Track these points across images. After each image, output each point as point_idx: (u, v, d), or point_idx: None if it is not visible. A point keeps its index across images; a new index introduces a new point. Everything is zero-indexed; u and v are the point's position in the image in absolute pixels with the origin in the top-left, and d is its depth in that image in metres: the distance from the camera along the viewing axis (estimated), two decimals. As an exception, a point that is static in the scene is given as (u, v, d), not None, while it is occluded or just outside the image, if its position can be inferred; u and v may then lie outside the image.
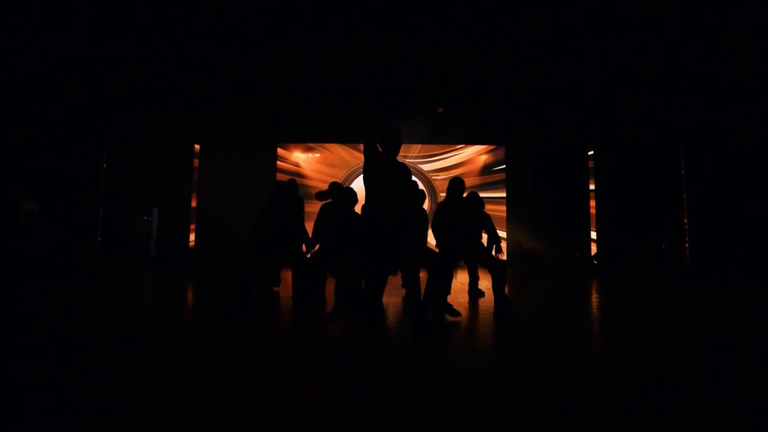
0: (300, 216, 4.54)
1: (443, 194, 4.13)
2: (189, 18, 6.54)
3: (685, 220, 8.32)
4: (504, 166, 11.47)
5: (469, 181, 11.44)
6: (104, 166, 9.52)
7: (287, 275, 5.37)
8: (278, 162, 11.50)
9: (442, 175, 11.25)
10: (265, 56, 7.72)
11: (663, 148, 8.72)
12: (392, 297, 4.56)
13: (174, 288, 5.91)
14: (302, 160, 11.59)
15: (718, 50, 7.05)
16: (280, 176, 11.38)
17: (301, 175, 11.12)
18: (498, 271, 3.61)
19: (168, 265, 9.18)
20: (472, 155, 11.63)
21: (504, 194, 11.20)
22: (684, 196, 8.39)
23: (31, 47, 6.80)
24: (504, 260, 8.81)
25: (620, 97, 8.69)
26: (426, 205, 5.82)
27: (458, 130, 10.83)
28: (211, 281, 6.47)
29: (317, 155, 11.64)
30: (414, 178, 5.69)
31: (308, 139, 11.51)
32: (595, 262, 9.64)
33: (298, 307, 3.96)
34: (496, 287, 3.59)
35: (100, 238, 9.40)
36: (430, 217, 4.11)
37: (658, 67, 7.59)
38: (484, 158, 11.66)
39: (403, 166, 3.02)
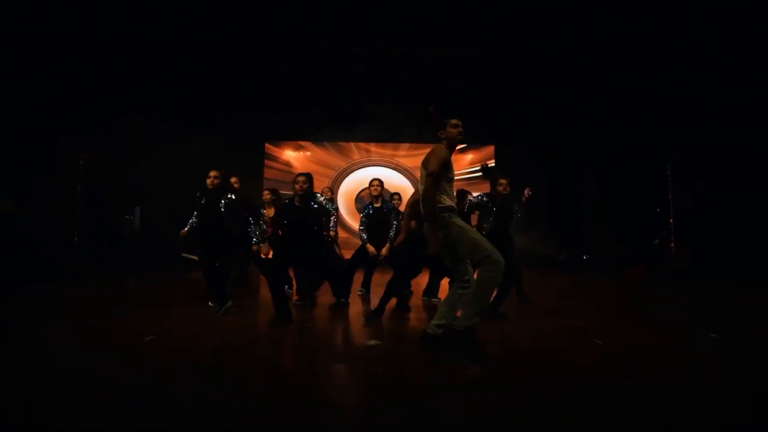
0: (221, 214, 3.91)
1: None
2: (179, 16, 6.27)
3: (671, 221, 8.60)
4: (493, 164, 11.56)
5: (456, 181, 11.69)
6: (81, 162, 9.02)
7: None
8: (266, 160, 11.22)
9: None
10: (258, 54, 7.50)
11: (651, 150, 8.95)
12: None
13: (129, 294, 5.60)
14: (292, 158, 11.34)
15: (706, 56, 7.27)
16: (267, 173, 11.13)
17: (291, 174, 11.02)
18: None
19: (149, 265, 8.85)
20: (456, 154, 11.69)
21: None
22: (670, 197, 8.66)
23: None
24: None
25: (611, 98, 8.86)
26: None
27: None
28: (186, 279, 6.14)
29: (308, 153, 11.41)
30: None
31: (298, 137, 11.29)
32: (585, 258, 9.88)
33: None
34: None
35: (76, 239, 8.93)
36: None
37: (650, 71, 7.77)
38: (470, 157, 11.74)
39: None
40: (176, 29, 6.61)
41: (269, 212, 5.05)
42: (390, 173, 11.33)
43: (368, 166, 11.40)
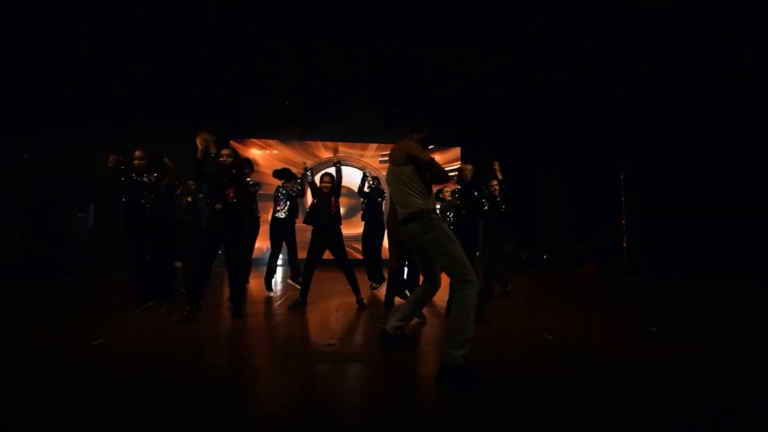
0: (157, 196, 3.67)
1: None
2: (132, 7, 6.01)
3: (623, 221, 9.10)
4: (459, 165, 11.80)
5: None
6: (25, 156, 8.45)
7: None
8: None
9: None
10: (225, 47, 7.31)
11: (604, 153, 9.44)
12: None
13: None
14: (258, 155, 11.12)
15: (653, 64, 7.74)
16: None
17: (257, 171, 10.95)
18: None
19: (105, 265, 8.43)
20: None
21: (459, 194, 11.54)
22: (623, 200, 9.17)
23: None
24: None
25: (566, 103, 9.28)
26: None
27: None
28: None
29: (275, 151, 11.24)
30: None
31: (264, 135, 11.11)
32: (545, 257, 10.28)
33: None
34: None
35: (19, 238, 8.36)
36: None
37: (608, 76, 8.18)
38: (437, 158, 11.92)
39: None
40: (130, 16, 6.32)
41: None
42: (357, 173, 11.33)
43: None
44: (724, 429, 1.67)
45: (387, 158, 2.87)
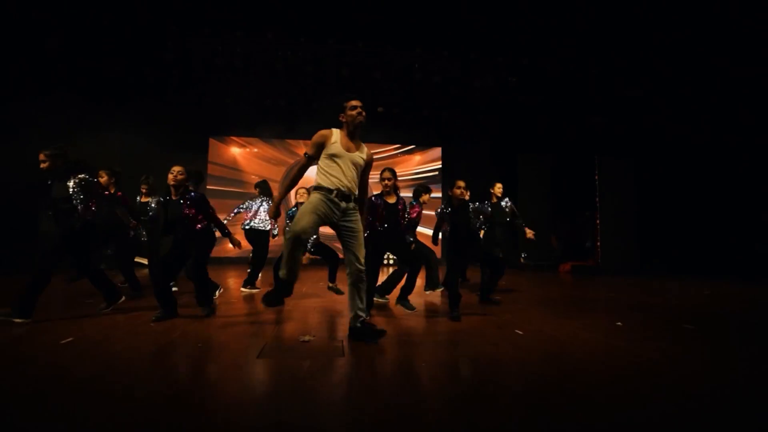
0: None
1: (375, 193, 4.08)
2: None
3: (597, 222, 9.39)
4: (440, 165, 11.94)
5: (404, 181, 12.02)
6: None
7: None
8: (210, 156, 10.81)
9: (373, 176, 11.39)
10: (204, 42, 7.22)
11: (582, 154, 9.69)
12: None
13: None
14: (238, 154, 11.00)
15: (633, 64, 7.97)
16: (210, 169, 10.73)
17: (237, 170, 10.95)
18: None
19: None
20: (404, 155, 11.96)
21: (440, 194, 11.65)
22: (597, 200, 9.45)
23: None
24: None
25: (543, 104, 9.47)
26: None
27: (397, 129, 11.06)
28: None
29: (255, 150, 11.14)
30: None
31: (244, 133, 11.00)
32: (522, 259, 10.46)
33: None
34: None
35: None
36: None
37: (577, 75, 8.39)
38: (418, 158, 12.03)
39: None
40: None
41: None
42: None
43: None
44: None
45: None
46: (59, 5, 6.01)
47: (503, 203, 5.16)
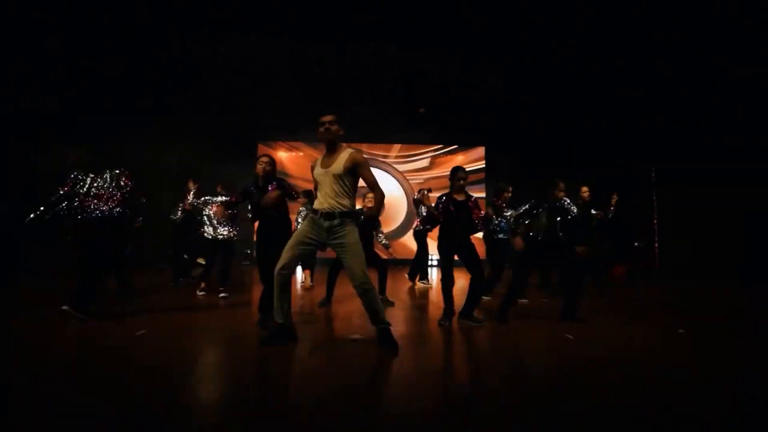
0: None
1: (416, 194, 4.01)
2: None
3: (655, 222, 8.82)
4: (483, 165, 11.73)
5: (445, 182, 11.80)
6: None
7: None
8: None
9: (415, 176, 11.42)
10: (250, 50, 7.54)
11: (638, 158, 9.16)
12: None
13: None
14: (285, 158, 11.44)
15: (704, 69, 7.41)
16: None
17: (286, 174, 11.19)
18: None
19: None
20: (446, 156, 11.85)
21: (483, 194, 11.43)
22: (654, 200, 8.88)
23: None
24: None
25: (597, 108, 9.02)
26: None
27: (439, 130, 10.98)
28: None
29: (300, 154, 11.53)
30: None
31: (290, 138, 11.39)
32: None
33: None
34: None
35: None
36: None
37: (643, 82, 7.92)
38: (460, 158, 11.87)
39: None
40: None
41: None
42: (381, 174, 11.46)
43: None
44: None
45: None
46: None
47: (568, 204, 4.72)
